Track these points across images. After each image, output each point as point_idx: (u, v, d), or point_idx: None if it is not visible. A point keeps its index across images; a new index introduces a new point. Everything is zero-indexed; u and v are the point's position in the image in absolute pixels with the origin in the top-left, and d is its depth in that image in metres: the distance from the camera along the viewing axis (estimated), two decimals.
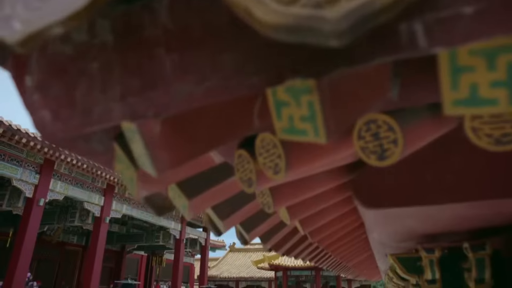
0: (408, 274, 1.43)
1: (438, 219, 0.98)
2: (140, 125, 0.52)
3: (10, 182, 11.65)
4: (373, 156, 0.63)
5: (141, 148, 0.53)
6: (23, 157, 11.81)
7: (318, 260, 2.44)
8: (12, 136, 10.77)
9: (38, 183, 12.05)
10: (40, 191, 12.06)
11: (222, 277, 34.23)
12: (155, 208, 1.01)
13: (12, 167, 11.43)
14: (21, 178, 11.62)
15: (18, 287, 10.88)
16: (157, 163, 0.53)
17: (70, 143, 0.63)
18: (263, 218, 1.20)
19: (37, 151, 11.68)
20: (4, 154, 11.28)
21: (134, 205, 16.48)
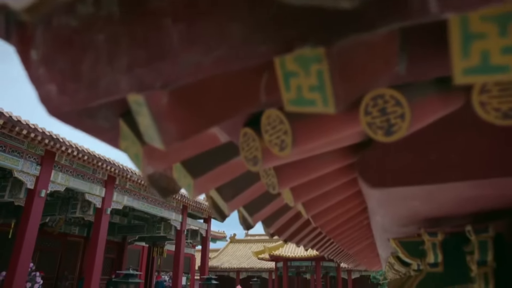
0: (410, 257, 1.44)
1: (442, 201, 0.98)
2: (147, 97, 0.52)
3: (11, 174, 11.67)
4: (380, 131, 0.63)
5: (148, 120, 0.52)
6: (24, 148, 11.83)
7: (320, 247, 2.45)
8: (13, 127, 10.76)
9: (39, 175, 12.08)
10: (41, 182, 12.10)
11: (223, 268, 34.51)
12: (160, 190, 1.01)
13: (13, 159, 11.45)
14: (22, 170, 11.64)
15: (21, 277, 10.97)
16: (164, 136, 0.53)
17: (76, 119, 0.63)
18: (266, 201, 1.20)
19: (38, 142, 11.68)
20: (5, 146, 11.29)
21: (135, 196, 16.54)
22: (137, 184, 16.06)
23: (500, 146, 0.81)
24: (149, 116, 0.52)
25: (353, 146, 0.96)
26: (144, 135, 0.56)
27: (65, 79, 0.55)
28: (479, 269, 1.25)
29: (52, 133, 11.93)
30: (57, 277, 19.38)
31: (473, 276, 1.30)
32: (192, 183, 0.82)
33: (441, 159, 0.83)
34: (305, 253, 23.30)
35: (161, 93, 0.52)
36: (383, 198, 0.94)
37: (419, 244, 1.41)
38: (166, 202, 18.47)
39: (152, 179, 0.99)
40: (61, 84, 0.55)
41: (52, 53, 0.56)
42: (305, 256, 23.09)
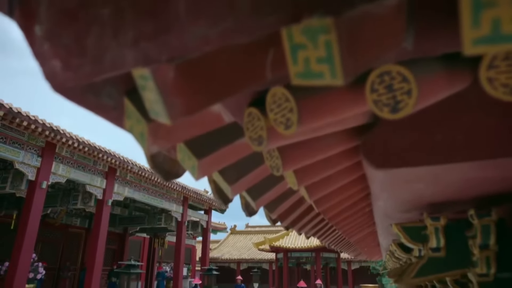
0: (412, 242, 1.44)
1: (447, 183, 0.98)
2: (153, 71, 0.51)
3: (12, 165, 11.69)
4: (386, 108, 0.63)
5: (154, 94, 0.52)
6: (24, 140, 11.83)
7: (321, 235, 2.46)
8: (13, 119, 10.75)
9: (40, 166, 12.10)
10: (42, 174, 12.12)
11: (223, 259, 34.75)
12: (163, 173, 1.01)
13: (14, 150, 11.46)
14: (23, 161, 11.66)
15: (24, 267, 11.06)
16: (171, 110, 0.53)
17: (80, 96, 0.62)
18: (269, 185, 1.20)
19: (38, 134, 11.67)
20: (6, 137, 11.30)
21: (136, 188, 16.59)
22: (138, 175, 16.09)
23: (506, 127, 0.81)
24: (156, 90, 0.51)
25: (357, 129, 0.95)
26: (150, 111, 0.56)
27: (70, 54, 0.54)
28: (481, 252, 1.25)
29: (52, 124, 11.92)
30: (59, 268, 19.54)
31: (474, 260, 1.30)
32: (197, 164, 0.81)
33: (447, 140, 0.82)
34: (305, 244, 23.45)
35: (167, 66, 0.51)
36: (387, 181, 0.94)
37: (421, 229, 1.42)
38: (167, 194, 18.52)
39: (155, 162, 0.99)
40: (66, 60, 0.55)
41: (56, 28, 0.55)
42: (305, 247, 23.24)
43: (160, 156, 0.98)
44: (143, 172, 15.93)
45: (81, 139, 12.96)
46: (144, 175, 16.07)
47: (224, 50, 0.53)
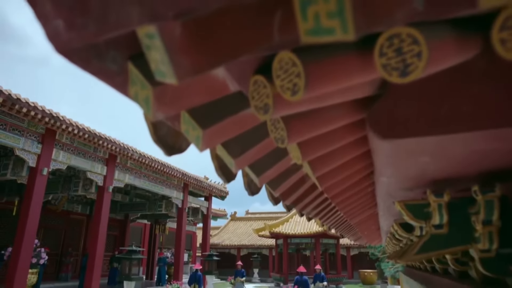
0: (415, 220, 1.45)
1: (451, 156, 0.97)
2: (160, 28, 0.50)
3: (13, 152, 11.71)
4: (395, 72, 0.62)
5: (161, 53, 0.51)
6: (24, 127, 11.81)
7: (323, 216, 2.47)
8: (13, 105, 10.71)
9: (40, 153, 12.11)
10: (43, 160, 12.14)
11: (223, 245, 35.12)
12: (166, 148, 1.01)
13: (14, 137, 11.46)
14: (23, 148, 11.66)
15: (26, 253, 11.17)
16: (178, 69, 0.52)
17: (84, 59, 0.61)
18: (273, 162, 1.20)
19: (38, 121, 11.64)
20: (6, 124, 11.27)
21: (137, 174, 16.65)
22: (138, 162, 16.12)
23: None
24: (162, 49, 0.50)
25: (363, 102, 0.94)
26: (156, 72, 0.55)
27: (73, 13, 0.53)
28: (484, 228, 1.26)
29: (52, 111, 11.88)
30: (61, 253, 19.77)
31: (477, 236, 1.31)
32: (201, 135, 0.81)
33: (453, 110, 0.81)
34: (305, 230, 23.64)
35: (174, 24, 0.50)
36: (392, 153, 0.94)
37: (424, 207, 1.42)
38: (167, 180, 18.59)
39: (159, 136, 0.98)
40: (69, 19, 0.53)
41: None
42: (305, 233, 23.45)
43: (164, 130, 0.97)
44: (144, 159, 15.96)
45: (81, 125, 12.93)
46: (144, 162, 16.10)
47: (232, 9, 0.52)
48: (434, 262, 2.46)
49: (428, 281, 3.39)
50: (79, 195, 19.43)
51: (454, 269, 2.20)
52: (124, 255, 14.21)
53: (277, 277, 24.48)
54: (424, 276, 3.75)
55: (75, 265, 20.07)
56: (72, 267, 19.88)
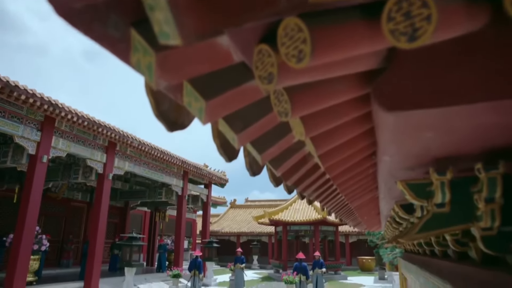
0: (417, 199, 1.45)
1: (456, 131, 0.97)
2: None
3: (12, 139, 11.69)
4: (403, 37, 0.61)
5: (165, 13, 0.49)
6: (23, 114, 11.77)
7: (324, 199, 2.48)
8: (11, 92, 10.65)
9: (40, 140, 12.10)
10: (42, 148, 12.14)
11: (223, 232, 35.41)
12: (168, 123, 1.00)
13: (13, 124, 11.42)
14: (23, 135, 11.64)
15: (28, 239, 11.25)
16: (182, 30, 0.50)
17: (86, 24, 0.59)
18: (276, 139, 1.19)
19: (37, 108, 11.60)
20: (4, 111, 11.23)
21: (137, 162, 16.67)
22: (138, 150, 16.13)
23: None
24: (166, 7, 0.49)
25: (368, 76, 0.93)
26: (159, 34, 0.54)
27: None
28: (486, 206, 1.26)
29: (51, 98, 11.82)
30: (62, 240, 19.95)
31: (479, 215, 1.31)
32: (204, 106, 0.80)
33: (459, 82, 0.80)
34: (304, 217, 23.80)
35: None
36: (397, 128, 0.93)
37: (426, 186, 1.42)
38: (167, 168, 18.63)
39: (160, 111, 0.97)
40: None
41: None
42: (304, 220, 23.61)
43: (165, 104, 0.96)
44: (143, 146, 15.96)
45: (80, 113, 12.89)
46: (144, 149, 16.10)
47: None
48: (434, 244, 2.48)
49: (427, 264, 3.42)
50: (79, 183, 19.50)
51: (454, 251, 2.22)
52: (124, 242, 14.32)
53: (277, 264, 24.74)
54: (423, 260, 3.78)
55: (76, 252, 20.26)
56: (74, 254, 20.08)
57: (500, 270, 1.42)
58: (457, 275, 2.01)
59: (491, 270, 1.53)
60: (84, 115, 12.98)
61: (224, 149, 1.23)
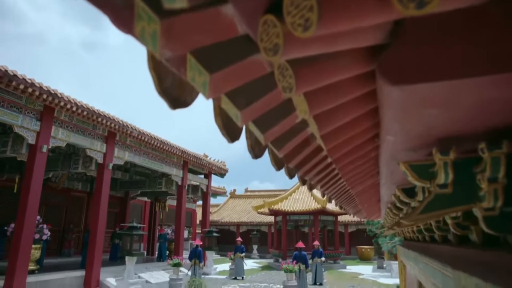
0: (419, 180, 1.45)
1: (462, 107, 0.96)
2: None
3: (12, 129, 11.67)
4: (411, 4, 0.60)
5: None
6: (22, 104, 11.73)
7: (325, 184, 2.48)
8: (9, 82, 10.60)
9: (39, 130, 12.08)
10: (42, 138, 12.13)
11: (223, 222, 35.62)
12: (171, 100, 0.99)
13: (12, 114, 11.39)
14: (22, 125, 11.62)
15: (29, 229, 11.31)
16: None
17: None
18: (279, 118, 1.18)
19: (36, 97, 11.55)
20: (3, 101, 11.19)
21: (136, 152, 16.67)
22: (137, 140, 16.12)
23: None
24: None
25: (372, 53, 0.92)
26: None
27: None
28: (489, 186, 1.26)
29: (50, 88, 11.77)
30: (63, 230, 20.08)
31: (481, 195, 1.31)
32: (208, 80, 0.79)
33: (466, 54, 0.79)
34: (304, 207, 23.91)
35: None
36: (402, 104, 0.92)
37: (429, 167, 1.42)
38: (167, 158, 18.65)
39: (163, 88, 0.96)
40: None
41: None
42: (304, 210, 23.72)
43: (168, 81, 0.95)
44: (143, 136, 15.95)
45: (80, 103, 12.85)
46: (143, 139, 16.10)
47: None
48: (434, 229, 2.49)
49: (426, 250, 3.44)
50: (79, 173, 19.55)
51: (455, 235, 2.23)
52: (125, 231, 14.40)
53: (276, 253, 24.93)
54: (423, 246, 3.81)
55: (77, 241, 20.40)
56: (75, 243, 20.23)
57: (501, 251, 1.43)
58: (458, 258, 2.03)
59: (492, 251, 1.54)
60: (83, 105, 12.94)
61: (226, 129, 1.23)
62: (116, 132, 15.12)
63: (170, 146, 17.79)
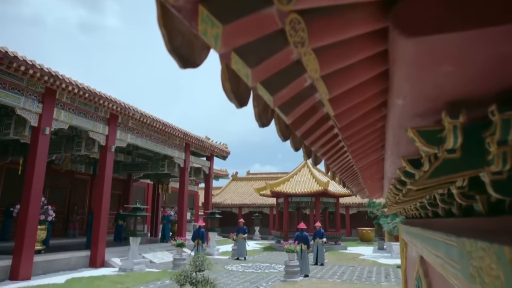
0: (428, 146, 1.45)
1: (475, 64, 0.95)
2: None
3: (14, 111, 11.67)
4: None
5: None
6: (24, 86, 11.69)
7: (330, 157, 2.49)
8: (10, 63, 10.54)
9: (41, 112, 12.08)
10: (44, 120, 12.14)
11: (225, 204, 35.96)
12: (181, 59, 0.98)
13: (14, 96, 11.37)
14: (24, 107, 11.62)
15: (34, 210, 11.45)
16: None
17: None
18: (287, 81, 1.18)
19: (37, 79, 11.51)
20: (4, 83, 11.15)
21: (138, 134, 16.70)
22: (139, 122, 16.13)
23: None
24: None
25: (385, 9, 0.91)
26: None
27: None
28: (498, 149, 1.26)
29: (51, 69, 11.72)
30: (68, 212, 20.33)
31: (490, 159, 1.31)
32: (220, 32, 0.78)
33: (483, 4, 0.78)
34: (305, 189, 24.07)
35: None
36: (415, 59, 0.91)
37: (437, 132, 1.42)
38: (169, 140, 18.70)
39: (173, 46, 0.95)
40: None
41: None
42: (306, 192, 23.89)
43: (179, 39, 0.94)
44: (145, 118, 15.95)
45: (81, 84, 12.80)
46: (145, 121, 16.10)
47: None
48: (438, 202, 2.51)
49: (429, 225, 3.48)
50: (82, 155, 19.67)
51: (459, 207, 2.25)
52: (129, 212, 14.57)
53: (278, 234, 25.25)
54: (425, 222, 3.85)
55: (81, 222, 20.69)
56: (79, 225, 20.52)
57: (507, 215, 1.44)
58: (462, 229, 2.05)
59: (497, 217, 1.55)
60: (85, 87, 12.90)
61: (235, 94, 1.22)
62: (118, 114, 15.12)
63: (172, 128, 17.81)
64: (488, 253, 1.25)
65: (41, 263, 11.90)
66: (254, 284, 11.00)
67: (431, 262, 2.75)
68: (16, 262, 10.81)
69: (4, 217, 16.16)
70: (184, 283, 4.88)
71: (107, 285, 10.30)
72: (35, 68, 11.12)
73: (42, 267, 11.91)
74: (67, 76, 12.40)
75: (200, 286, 4.79)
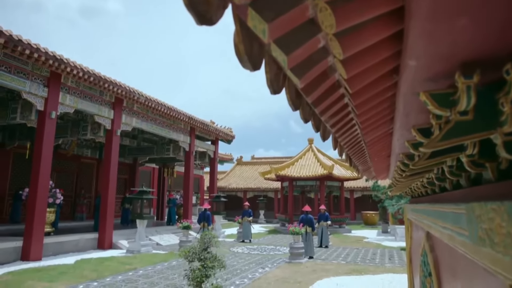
0: (440, 109, 1.46)
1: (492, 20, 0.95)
2: None
3: (20, 96, 11.73)
4: None
5: None
6: (29, 70, 11.70)
7: (339, 129, 2.50)
8: (15, 47, 10.53)
9: (47, 96, 12.12)
10: (50, 103, 12.19)
11: (230, 188, 36.22)
12: (197, 15, 0.99)
13: (19, 80, 11.39)
14: (30, 91, 11.65)
15: (43, 193, 11.62)
16: None
17: None
18: (302, 40, 1.18)
19: (42, 63, 11.51)
20: (10, 67, 11.16)
21: (144, 118, 16.74)
22: (144, 106, 16.15)
23: None
24: None
25: None
26: None
27: None
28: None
29: (55, 53, 11.70)
30: (75, 195, 20.60)
31: (503, 120, 1.32)
32: None
33: None
34: (310, 173, 24.14)
35: None
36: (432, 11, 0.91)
37: (449, 95, 1.42)
38: (174, 124, 18.74)
39: (191, 1, 0.96)
40: None
41: None
42: (310, 175, 23.96)
43: None
44: (150, 102, 15.96)
45: (86, 68, 12.79)
46: (151, 105, 16.12)
47: None
48: (447, 174, 2.52)
49: (436, 200, 3.50)
50: (88, 140, 19.81)
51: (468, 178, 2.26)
52: (135, 195, 14.73)
53: (283, 218, 25.47)
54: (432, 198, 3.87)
55: (89, 206, 20.98)
56: (87, 208, 20.81)
57: None
58: (472, 196, 2.07)
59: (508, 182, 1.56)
60: (89, 71, 12.89)
61: (248, 56, 1.23)
62: (123, 98, 15.13)
63: (177, 112, 17.82)
64: (498, 212, 1.26)
65: (51, 244, 12.15)
66: (259, 265, 11.17)
67: (438, 235, 2.78)
68: (27, 243, 11.04)
69: (13, 200, 16.43)
70: (192, 259, 4.99)
71: (116, 265, 10.52)
72: (39, 52, 11.11)
73: (52, 248, 12.16)
74: (72, 60, 12.38)
75: (208, 262, 4.89)
